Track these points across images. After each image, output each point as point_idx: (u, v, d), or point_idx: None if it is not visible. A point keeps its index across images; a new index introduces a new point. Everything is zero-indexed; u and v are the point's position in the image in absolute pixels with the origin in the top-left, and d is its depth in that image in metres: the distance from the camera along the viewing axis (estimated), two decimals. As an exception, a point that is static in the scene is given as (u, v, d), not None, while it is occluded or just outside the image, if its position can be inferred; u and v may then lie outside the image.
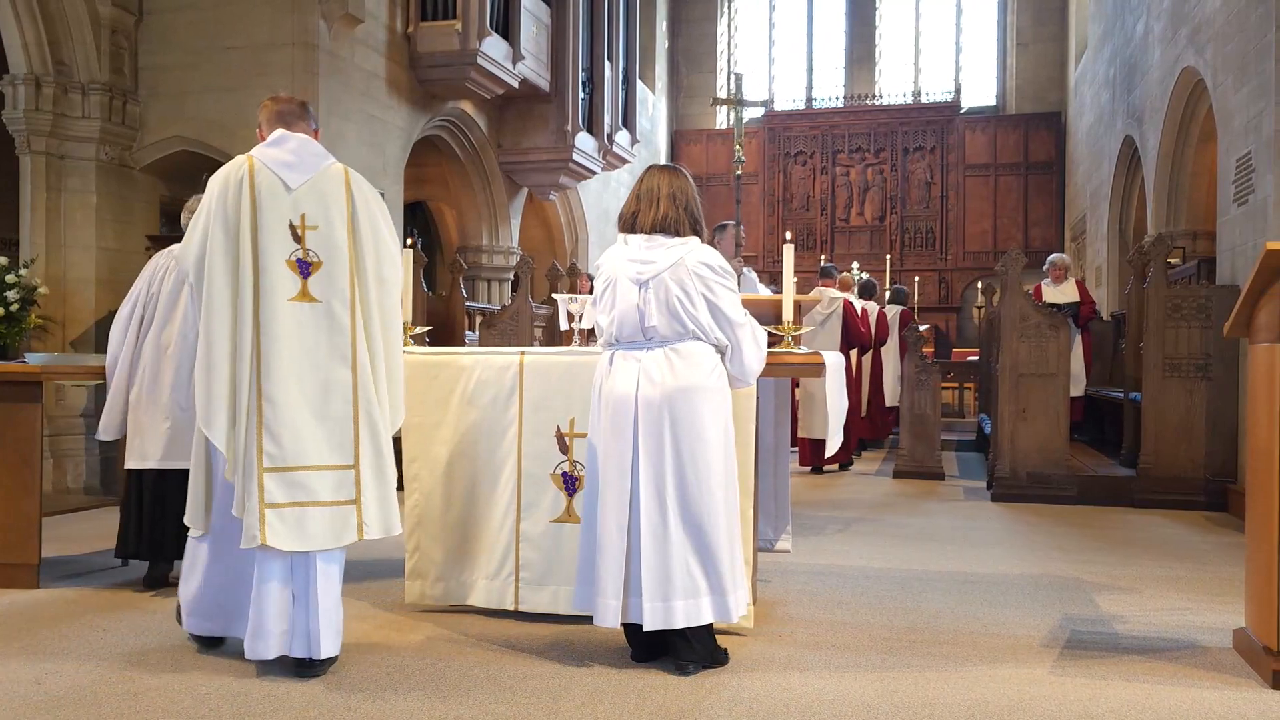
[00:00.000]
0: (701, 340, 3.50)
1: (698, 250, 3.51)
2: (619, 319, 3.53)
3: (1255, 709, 3.15)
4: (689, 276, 3.45)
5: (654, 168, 3.63)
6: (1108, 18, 13.40)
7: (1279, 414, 3.38)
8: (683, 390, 3.43)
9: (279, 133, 3.76)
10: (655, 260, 3.49)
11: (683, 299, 3.45)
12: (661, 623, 3.36)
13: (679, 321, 3.46)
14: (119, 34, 8.79)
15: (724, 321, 3.50)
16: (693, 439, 3.42)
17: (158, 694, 3.22)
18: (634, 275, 3.50)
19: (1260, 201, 6.89)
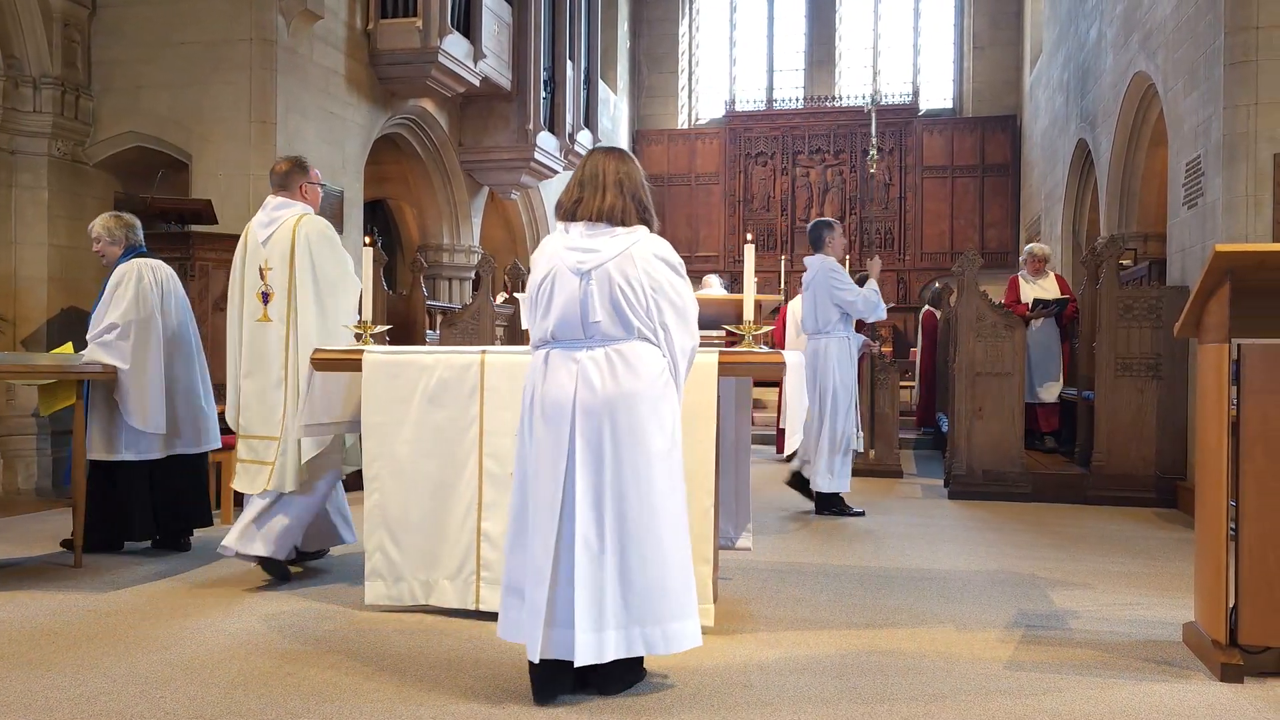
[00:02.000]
0: (649, 341, 3.18)
1: (648, 240, 3.19)
2: (558, 314, 3.17)
3: (1204, 701, 3.22)
4: (636, 269, 3.13)
5: (597, 150, 3.30)
6: (1062, 23, 13.61)
7: (1227, 412, 3.46)
8: (626, 396, 3.10)
9: (268, 199, 4.88)
10: (599, 249, 3.15)
11: (628, 293, 3.12)
12: (593, 656, 3.02)
13: (623, 318, 3.13)
14: (71, 27, 8.64)
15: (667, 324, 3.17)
16: (636, 451, 3.09)
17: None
18: (574, 265, 3.16)
19: (1209, 204, 7.04)
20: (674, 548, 3.14)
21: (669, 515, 3.14)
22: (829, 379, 6.68)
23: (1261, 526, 3.40)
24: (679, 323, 3.20)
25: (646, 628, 3.08)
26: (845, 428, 6.65)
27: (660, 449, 3.13)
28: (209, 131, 8.74)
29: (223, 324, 7.05)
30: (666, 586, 3.10)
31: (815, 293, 6.81)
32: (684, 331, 3.22)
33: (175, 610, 4.22)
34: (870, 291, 6.72)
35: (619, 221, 3.19)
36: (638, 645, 3.08)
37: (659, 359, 3.19)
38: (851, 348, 6.79)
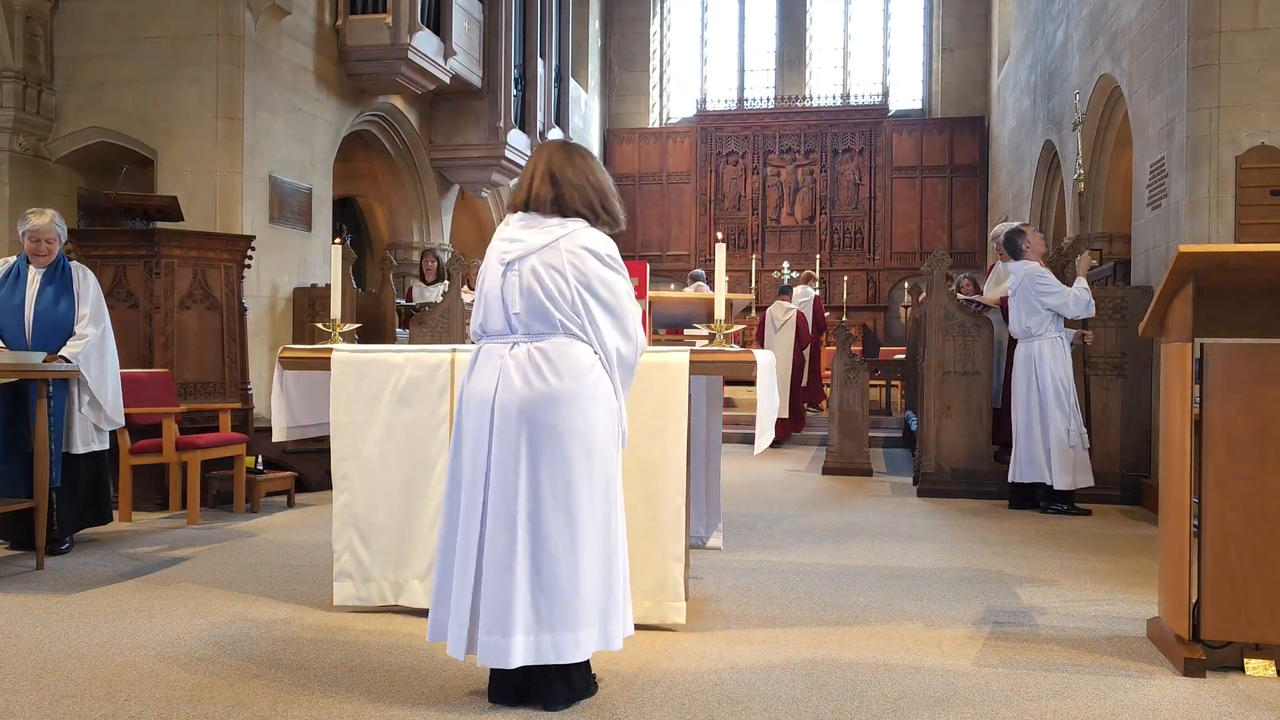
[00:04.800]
0: (579, 338, 2.99)
1: (582, 233, 3.01)
2: (483, 306, 3.06)
3: (1167, 695, 3.26)
4: (561, 260, 2.96)
5: (545, 143, 3.17)
6: (1029, 25, 13.75)
7: (1190, 411, 3.51)
8: (545, 396, 2.93)
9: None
10: (524, 239, 3.00)
11: (549, 286, 2.95)
12: (494, 659, 2.92)
13: (544, 313, 2.96)
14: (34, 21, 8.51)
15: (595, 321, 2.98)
16: (554, 453, 2.93)
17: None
18: (500, 255, 3.03)
19: (1173, 205, 7.13)
20: (591, 554, 2.96)
21: (590, 521, 2.96)
22: (1046, 381, 6.73)
23: (1223, 523, 3.45)
24: (608, 320, 3.00)
25: (558, 634, 2.93)
26: (1071, 426, 6.70)
27: (581, 452, 2.95)
28: (175, 127, 8.65)
29: (188, 321, 7.04)
30: (580, 593, 2.94)
31: (1021, 300, 6.86)
32: (614, 330, 3.01)
33: (140, 612, 4.17)
34: (1080, 289, 6.74)
35: (550, 212, 3.02)
36: (548, 652, 2.94)
37: (588, 357, 2.99)
38: (1065, 347, 6.82)
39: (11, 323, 5.27)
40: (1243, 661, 3.46)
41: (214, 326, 7.21)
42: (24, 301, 5.29)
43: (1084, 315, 6.82)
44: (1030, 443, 6.79)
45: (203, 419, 6.83)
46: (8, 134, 8.25)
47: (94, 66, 8.72)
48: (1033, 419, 6.78)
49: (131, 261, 6.99)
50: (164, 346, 6.97)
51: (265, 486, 6.87)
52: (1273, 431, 3.43)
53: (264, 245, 8.52)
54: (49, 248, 5.33)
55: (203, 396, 7.10)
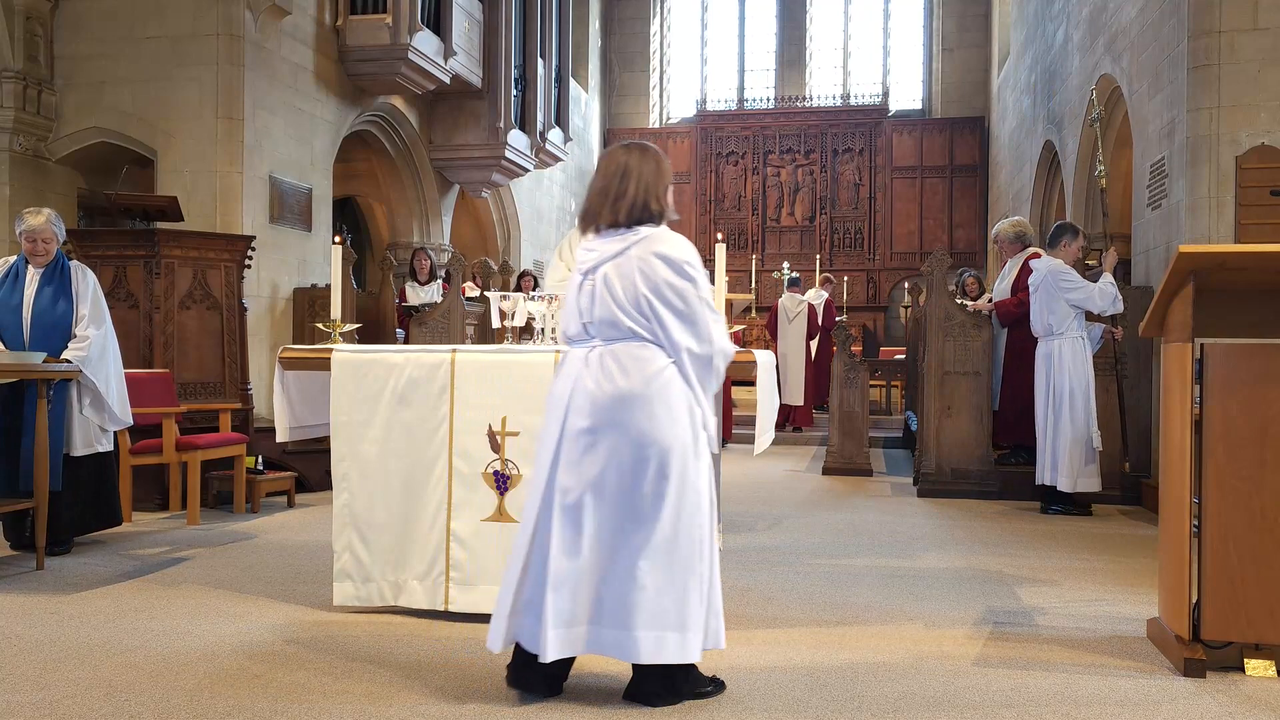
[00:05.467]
0: (651, 342, 3.04)
1: (653, 238, 3.05)
2: (566, 313, 3.20)
3: (1167, 695, 3.26)
4: (632, 267, 3.02)
5: (615, 146, 3.18)
6: (1029, 25, 13.75)
7: (1190, 411, 3.51)
8: (614, 399, 2.99)
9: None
10: (599, 249, 3.09)
11: (618, 292, 3.02)
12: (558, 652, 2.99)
13: (615, 319, 3.02)
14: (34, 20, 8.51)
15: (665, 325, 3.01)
16: (618, 454, 2.99)
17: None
18: (579, 265, 3.16)
19: (1173, 205, 7.13)
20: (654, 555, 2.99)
21: (654, 522, 2.99)
22: (1063, 381, 6.70)
23: (1223, 523, 3.45)
24: (679, 324, 3.02)
25: (621, 631, 2.98)
26: (1083, 427, 6.68)
27: (647, 454, 2.98)
28: (174, 127, 8.65)
29: (188, 321, 7.04)
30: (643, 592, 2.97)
31: (1043, 296, 6.81)
32: (685, 333, 3.02)
33: (140, 611, 4.17)
34: (1106, 284, 6.69)
35: (621, 221, 3.09)
36: (610, 648, 2.99)
37: (659, 360, 3.03)
38: (1085, 347, 6.78)
39: (10, 323, 5.26)
40: (1243, 661, 3.46)
41: (214, 326, 7.21)
42: (22, 301, 5.29)
43: (1111, 311, 6.78)
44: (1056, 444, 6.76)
45: (203, 419, 6.83)
46: (8, 134, 8.25)
47: (94, 66, 8.72)
48: (1048, 419, 6.77)
49: (131, 261, 6.98)
50: (164, 346, 6.97)
51: (265, 486, 6.87)
52: (1273, 431, 3.43)
53: (264, 245, 8.52)
54: (46, 248, 5.31)
55: (203, 396, 7.10)
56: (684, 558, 3.01)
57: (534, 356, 4.04)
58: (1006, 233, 7.68)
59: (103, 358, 5.37)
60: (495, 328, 4.62)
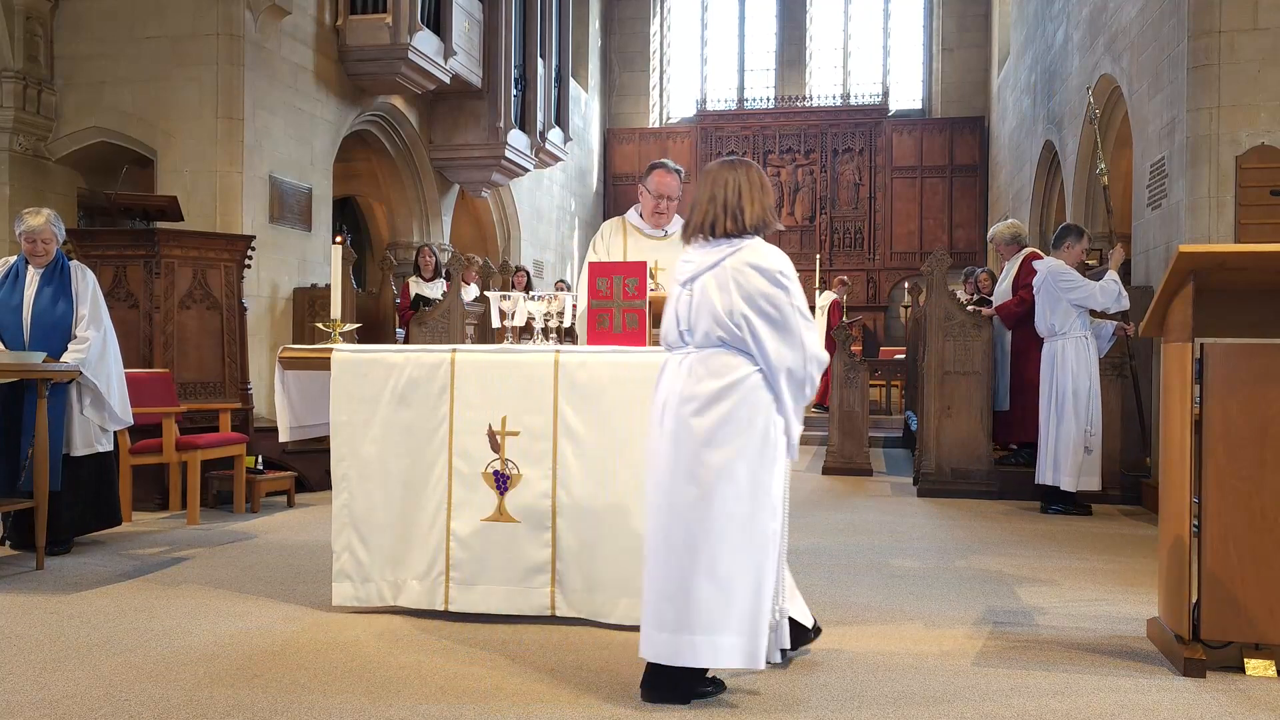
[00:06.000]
0: (739, 351, 3.13)
1: (748, 250, 3.15)
2: (664, 321, 3.31)
3: (1167, 695, 3.26)
4: (726, 278, 3.12)
5: (712, 164, 3.32)
6: (1029, 25, 13.75)
7: (1190, 410, 3.51)
8: (698, 405, 3.11)
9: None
10: (697, 260, 3.22)
11: (712, 303, 3.12)
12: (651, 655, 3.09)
13: (708, 328, 3.14)
14: (34, 20, 8.51)
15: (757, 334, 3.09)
16: (700, 461, 3.08)
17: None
18: (678, 275, 3.30)
19: (1173, 205, 7.13)
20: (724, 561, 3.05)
21: (727, 530, 3.06)
22: (1066, 380, 6.72)
23: (1223, 523, 3.45)
24: (771, 333, 3.10)
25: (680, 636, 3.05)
26: (1083, 427, 6.68)
27: (721, 459, 3.08)
28: (174, 127, 8.65)
29: (188, 321, 7.04)
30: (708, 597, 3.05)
31: (1045, 297, 6.85)
32: (777, 342, 3.10)
33: (140, 611, 4.17)
34: (1108, 281, 6.71)
35: (714, 233, 3.20)
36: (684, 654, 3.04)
37: (743, 368, 3.12)
38: (1089, 347, 6.79)
39: (10, 323, 5.27)
40: (1243, 661, 3.46)
41: (214, 326, 7.21)
42: (22, 302, 5.29)
43: (1115, 308, 6.78)
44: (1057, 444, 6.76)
45: (203, 419, 6.83)
46: (8, 134, 8.25)
47: (94, 66, 8.72)
48: (1050, 419, 6.77)
49: (131, 261, 6.98)
50: (164, 346, 6.97)
51: (265, 486, 6.87)
52: (1273, 431, 3.43)
53: (264, 245, 8.52)
54: (45, 248, 5.32)
55: (203, 396, 7.10)
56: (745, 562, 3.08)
57: (534, 356, 4.04)
58: (1003, 234, 7.69)
59: (103, 358, 5.38)
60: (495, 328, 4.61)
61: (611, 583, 3.94)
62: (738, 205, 3.18)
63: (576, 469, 3.98)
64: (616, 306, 4.22)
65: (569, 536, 3.99)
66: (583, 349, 4.10)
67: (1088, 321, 6.81)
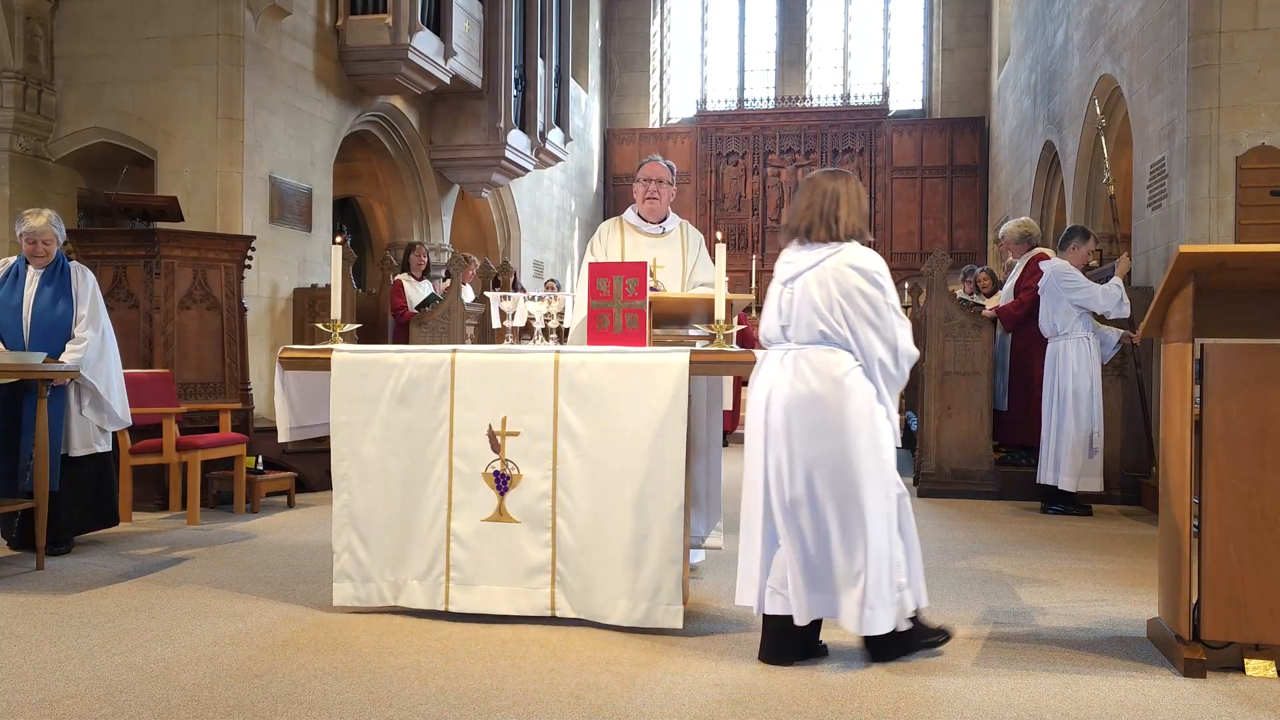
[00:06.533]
0: (841, 347, 3.41)
1: (848, 252, 3.43)
2: (765, 319, 3.59)
3: (1168, 696, 3.26)
4: (828, 278, 3.40)
5: (813, 175, 3.60)
6: (1029, 26, 13.75)
7: (1191, 411, 3.51)
8: (806, 398, 3.39)
9: None
10: (798, 261, 3.49)
11: (816, 301, 3.40)
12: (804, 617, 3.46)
13: (811, 325, 3.42)
14: (34, 21, 8.52)
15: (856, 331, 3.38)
16: (813, 447, 3.39)
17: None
18: (779, 276, 3.56)
19: (1173, 206, 7.13)
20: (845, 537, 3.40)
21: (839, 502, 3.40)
22: (1067, 381, 6.72)
23: (1223, 523, 3.45)
24: (869, 330, 3.39)
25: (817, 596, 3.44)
26: (1085, 427, 6.68)
27: (834, 446, 3.38)
28: (174, 127, 8.65)
29: (188, 321, 7.04)
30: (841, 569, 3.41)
31: (1048, 297, 6.86)
32: (875, 339, 3.39)
33: (140, 612, 4.17)
34: (1112, 286, 6.72)
35: (818, 238, 3.47)
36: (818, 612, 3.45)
37: (846, 363, 3.40)
38: (1091, 349, 6.78)
39: (10, 323, 5.27)
40: (1243, 661, 3.46)
41: (214, 326, 7.22)
42: (22, 302, 5.29)
43: (1116, 313, 6.79)
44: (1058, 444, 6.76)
45: (203, 419, 6.83)
46: (8, 134, 8.25)
47: (94, 66, 8.72)
48: (1051, 419, 6.77)
49: (131, 262, 6.98)
50: (164, 346, 6.97)
51: (265, 486, 6.87)
52: (1273, 431, 3.43)
53: (264, 245, 8.52)
54: (46, 249, 5.32)
55: (203, 396, 7.10)
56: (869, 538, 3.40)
57: (534, 356, 4.04)
58: (1012, 233, 7.68)
59: (101, 358, 5.38)
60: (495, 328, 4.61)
61: (612, 583, 3.94)
62: (834, 214, 3.46)
63: (577, 469, 3.98)
64: (616, 306, 4.23)
65: (569, 537, 3.99)
66: (583, 349, 4.10)
67: (1090, 322, 6.81)
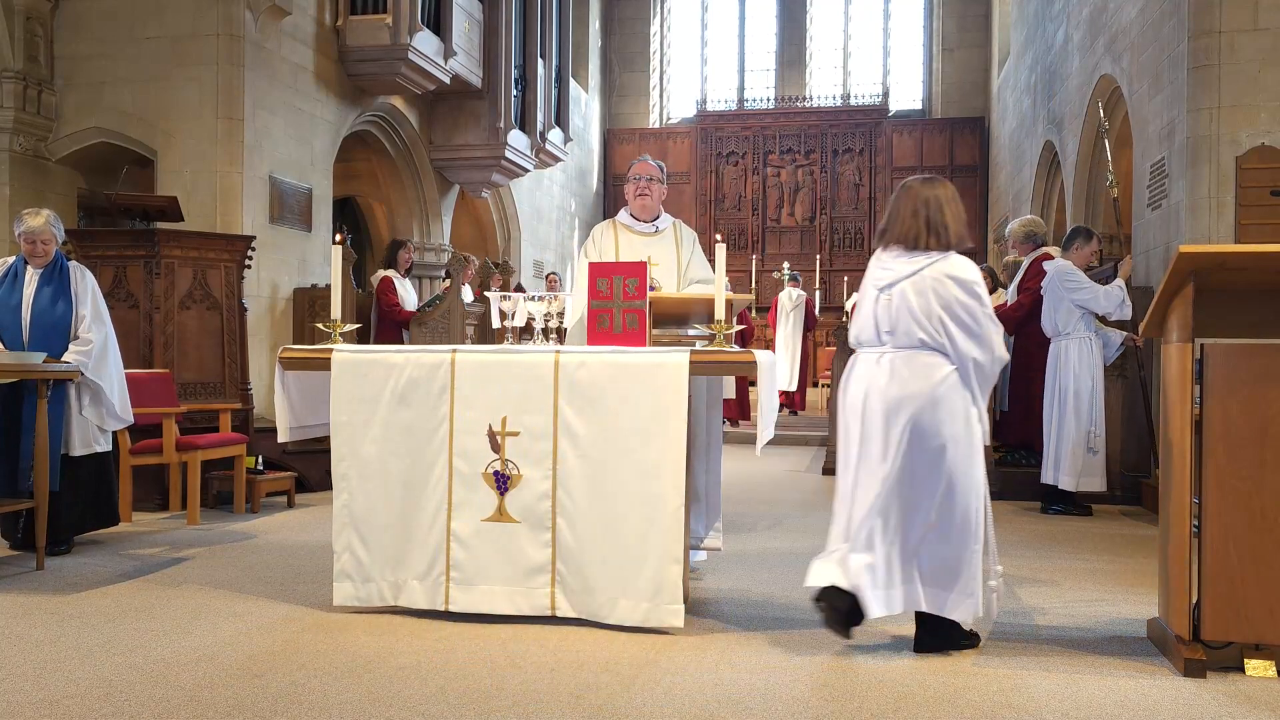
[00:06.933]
0: (936, 350, 3.57)
1: (945, 262, 3.59)
2: (859, 322, 3.74)
3: (1168, 695, 3.26)
4: (926, 286, 3.56)
5: (909, 180, 3.73)
6: (1029, 26, 13.75)
7: (1191, 411, 3.51)
8: (903, 398, 3.55)
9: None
10: (895, 269, 3.63)
11: (914, 307, 3.56)
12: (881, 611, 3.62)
13: (908, 329, 3.57)
14: (34, 20, 8.51)
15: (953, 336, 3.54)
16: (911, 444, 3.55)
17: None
18: (875, 281, 3.69)
19: (1173, 206, 7.13)
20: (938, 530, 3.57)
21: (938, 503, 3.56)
22: (1069, 381, 6.73)
23: (1224, 523, 3.45)
24: (964, 335, 3.55)
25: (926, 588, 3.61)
26: (1084, 427, 6.68)
27: (934, 445, 3.54)
28: (174, 127, 8.64)
29: (188, 321, 7.04)
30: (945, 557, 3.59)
31: (1050, 297, 6.86)
32: (970, 343, 3.56)
33: (140, 612, 4.17)
34: (1114, 288, 6.72)
35: (917, 246, 3.62)
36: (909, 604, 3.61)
37: (942, 366, 3.58)
38: (1092, 349, 6.77)
39: (10, 323, 5.27)
40: (1243, 661, 3.46)
41: (214, 326, 7.21)
42: (22, 302, 5.29)
43: (1117, 315, 6.79)
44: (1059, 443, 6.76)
45: (203, 419, 6.83)
46: (8, 134, 8.25)
47: (94, 66, 8.72)
48: (1052, 419, 6.77)
49: (131, 262, 6.98)
50: (164, 346, 6.97)
51: (265, 486, 6.87)
52: (1273, 431, 3.43)
53: (264, 245, 8.52)
54: (45, 249, 5.32)
55: (203, 396, 7.10)
56: (960, 533, 3.57)
57: (534, 356, 4.04)
58: (1016, 233, 7.69)
59: (104, 358, 5.38)
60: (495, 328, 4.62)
61: (612, 583, 3.94)
62: (941, 223, 3.62)
63: (577, 469, 3.98)
64: (616, 307, 4.22)
65: (569, 536, 3.99)
66: (583, 349, 4.10)
67: (1092, 323, 6.81)
